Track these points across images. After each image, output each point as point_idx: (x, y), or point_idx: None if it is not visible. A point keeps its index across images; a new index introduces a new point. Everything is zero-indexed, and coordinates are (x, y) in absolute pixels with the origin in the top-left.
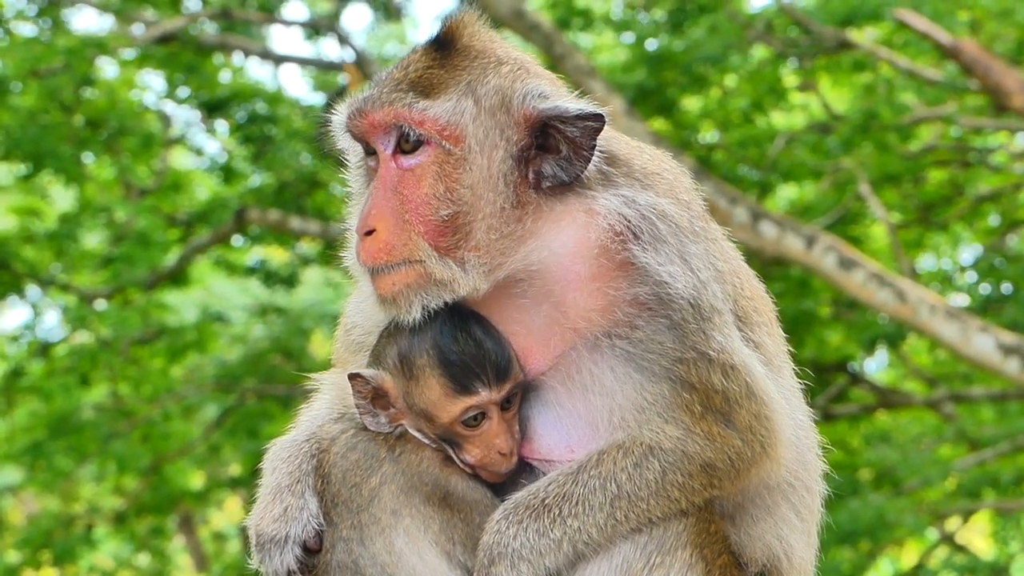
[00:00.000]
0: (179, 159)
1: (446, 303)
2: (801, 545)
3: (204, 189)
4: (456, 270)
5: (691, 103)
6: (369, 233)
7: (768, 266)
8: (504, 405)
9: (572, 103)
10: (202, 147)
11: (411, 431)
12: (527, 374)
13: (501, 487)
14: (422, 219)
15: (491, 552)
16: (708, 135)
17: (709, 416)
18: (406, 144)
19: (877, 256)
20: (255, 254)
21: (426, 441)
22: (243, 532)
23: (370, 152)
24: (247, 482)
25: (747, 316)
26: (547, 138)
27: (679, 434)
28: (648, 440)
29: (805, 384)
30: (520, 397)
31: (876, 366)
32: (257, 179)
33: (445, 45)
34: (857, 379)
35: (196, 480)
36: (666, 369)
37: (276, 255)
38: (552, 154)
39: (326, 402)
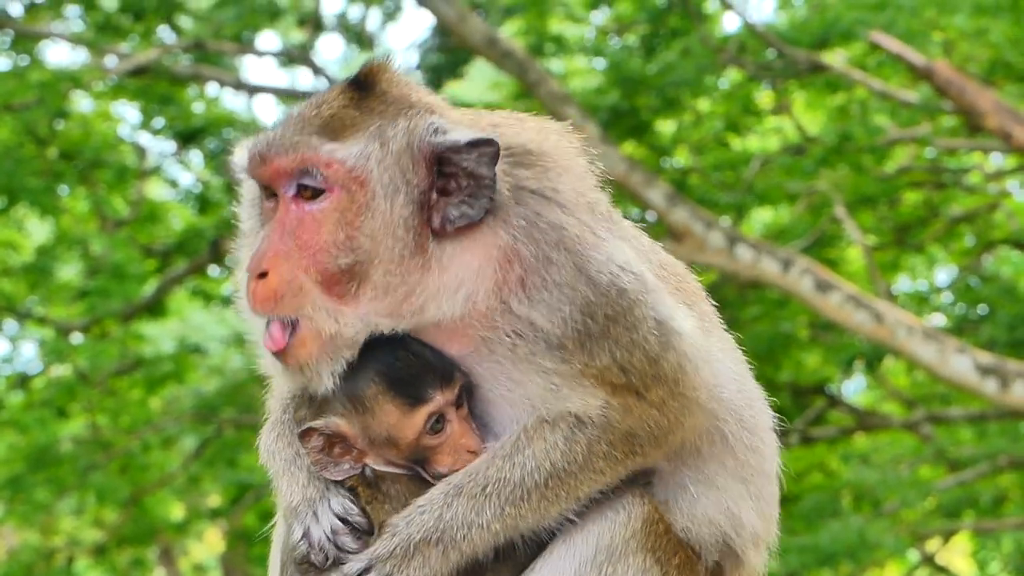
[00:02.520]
0: (154, 190)
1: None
2: (751, 513)
3: (180, 220)
4: (350, 318)
5: (665, 126)
6: (262, 276)
7: (744, 289)
8: (458, 403)
9: (463, 133)
10: (177, 178)
11: (378, 468)
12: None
13: None
14: (317, 266)
15: (427, 533)
16: (682, 159)
17: (620, 393)
18: (306, 191)
19: (853, 278)
20: (231, 284)
21: (397, 471)
22: (224, 567)
23: (269, 194)
24: (227, 513)
25: (671, 291)
26: (447, 178)
27: (599, 405)
28: (571, 412)
29: (783, 409)
30: (469, 395)
31: (854, 388)
32: (232, 209)
33: (362, 87)
34: (835, 402)
35: (176, 511)
36: (568, 367)
37: None
38: (454, 195)
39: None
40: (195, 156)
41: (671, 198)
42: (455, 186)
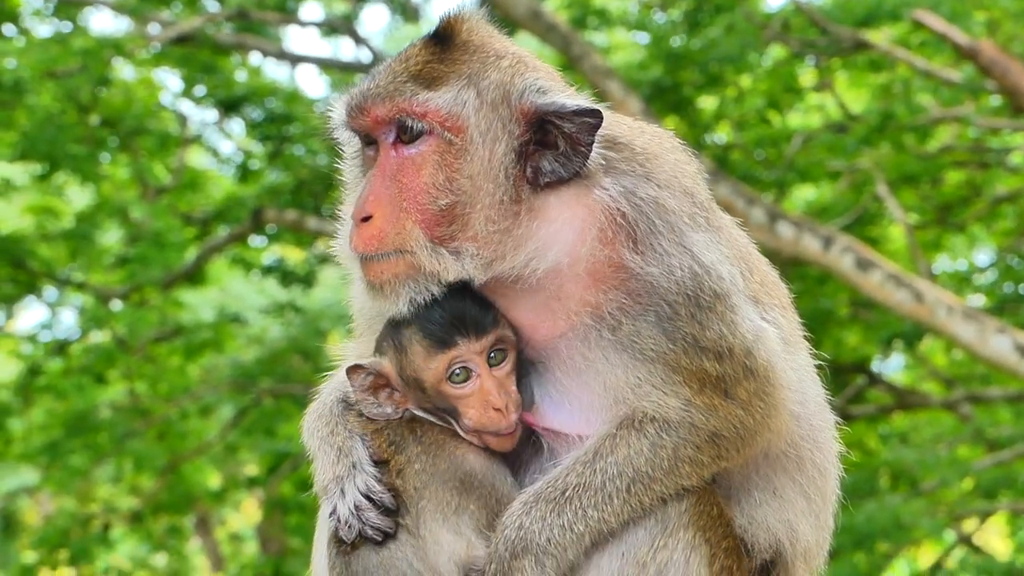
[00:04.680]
0: (195, 158)
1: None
2: (808, 529)
3: (220, 189)
4: (449, 259)
5: (707, 102)
6: (365, 220)
7: (785, 267)
8: (491, 361)
9: (570, 99)
10: (218, 146)
11: (417, 412)
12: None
13: (515, 464)
14: (419, 208)
15: (514, 546)
16: (724, 135)
17: (708, 390)
18: (407, 135)
19: (894, 257)
20: (272, 253)
21: (431, 418)
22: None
23: (368, 142)
24: (263, 482)
25: (757, 298)
26: (545, 134)
27: (681, 405)
28: (653, 413)
29: (823, 385)
30: (513, 358)
31: (893, 367)
32: (274, 178)
33: (444, 40)
34: (875, 380)
35: (213, 480)
36: (658, 355)
37: (293, 255)
38: (550, 150)
39: None
40: (236, 125)
41: (713, 174)
42: (552, 143)
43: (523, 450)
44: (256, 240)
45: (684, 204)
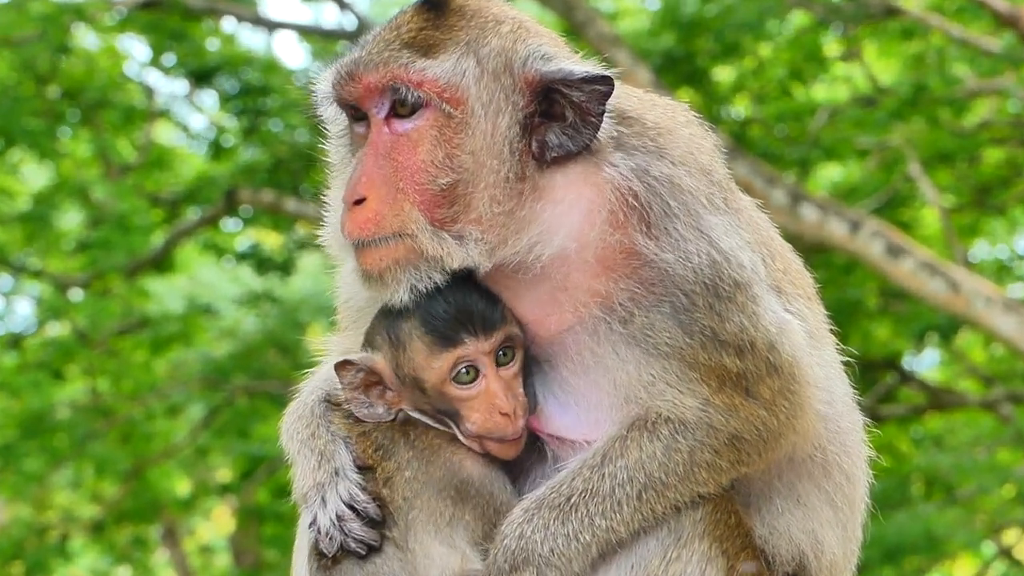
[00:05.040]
0: (163, 134)
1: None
2: (834, 541)
3: (191, 167)
4: (452, 244)
5: (723, 73)
6: (358, 203)
7: (809, 253)
8: (499, 360)
9: (578, 65)
10: (188, 121)
11: (412, 413)
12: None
13: (516, 472)
14: (417, 188)
15: (514, 558)
16: (742, 108)
17: (728, 388)
18: (402, 107)
19: (928, 243)
20: (247, 238)
21: (429, 421)
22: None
23: (358, 118)
24: (237, 489)
25: (779, 288)
26: (552, 104)
27: (698, 404)
28: (667, 414)
29: (851, 383)
30: (521, 358)
31: (927, 363)
32: (249, 155)
33: (437, 5)
34: (906, 377)
35: (181, 486)
36: (673, 350)
37: (270, 240)
38: (557, 122)
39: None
40: (208, 97)
41: (730, 152)
42: (559, 115)
43: (525, 457)
44: (229, 223)
45: (701, 183)
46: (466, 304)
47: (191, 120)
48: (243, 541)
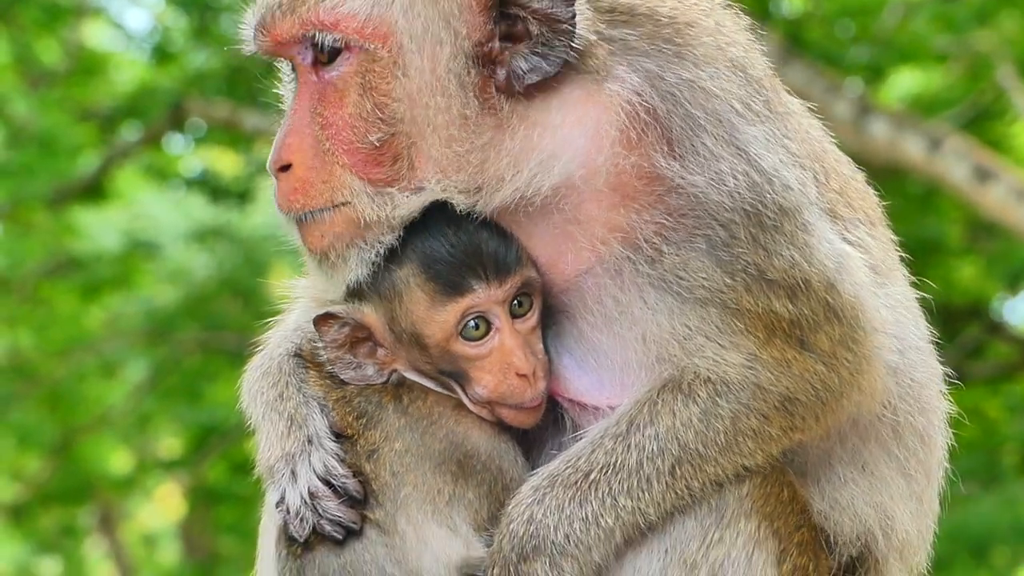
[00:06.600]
0: (96, 35)
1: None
2: (906, 515)
3: (129, 75)
4: (401, 198)
5: None
6: (283, 169)
7: (877, 177)
8: (515, 311)
9: None
10: (126, 19)
11: (408, 375)
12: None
13: (528, 444)
14: (346, 147)
15: (522, 545)
16: (797, 3)
17: (778, 340)
18: (323, 54)
19: (1023, 165)
20: (197, 161)
21: (429, 384)
22: (183, 536)
23: (294, 68)
24: (187, 464)
25: (834, 212)
26: (511, 23)
27: (743, 361)
28: (707, 374)
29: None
30: (540, 308)
31: (1022, 313)
32: (200, 61)
33: None
34: (996, 328)
35: (119, 461)
36: (712, 294)
37: (225, 163)
38: (523, 42)
39: (304, 311)
40: None
41: (782, 55)
42: (523, 32)
43: (540, 424)
44: (176, 143)
45: (733, 84)
46: (475, 244)
47: (129, 18)
48: (194, 527)
